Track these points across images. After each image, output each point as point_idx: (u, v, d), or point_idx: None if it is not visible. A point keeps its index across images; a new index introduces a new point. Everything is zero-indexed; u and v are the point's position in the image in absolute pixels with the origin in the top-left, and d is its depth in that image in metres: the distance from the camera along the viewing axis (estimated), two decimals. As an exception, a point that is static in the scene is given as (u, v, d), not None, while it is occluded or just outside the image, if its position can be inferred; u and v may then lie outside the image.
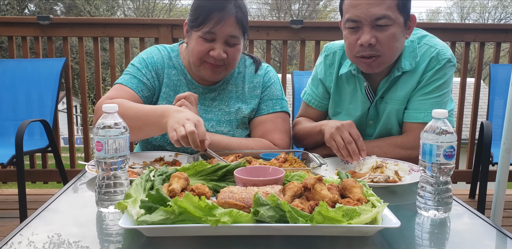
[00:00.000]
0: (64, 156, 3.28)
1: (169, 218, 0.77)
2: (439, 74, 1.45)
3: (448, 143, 0.90)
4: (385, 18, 1.34)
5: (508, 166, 1.90)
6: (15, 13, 15.77)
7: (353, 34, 1.39)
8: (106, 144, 0.91)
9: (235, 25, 1.41)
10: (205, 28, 1.40)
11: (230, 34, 1.41)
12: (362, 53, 1.39)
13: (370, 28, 1.35)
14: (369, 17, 1.34)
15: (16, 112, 2.77)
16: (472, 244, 0.83)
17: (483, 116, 3.07)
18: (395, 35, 1.37)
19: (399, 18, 1.36)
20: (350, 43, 1.41)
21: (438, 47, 1.47)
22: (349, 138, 1.28)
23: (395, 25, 1.36)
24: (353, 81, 1.57)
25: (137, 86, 1.49)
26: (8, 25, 2.92)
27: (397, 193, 1.13)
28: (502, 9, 20.95)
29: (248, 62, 1.64)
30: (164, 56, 1.56)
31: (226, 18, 1.39)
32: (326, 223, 0.76)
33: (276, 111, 1.58)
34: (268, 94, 1.60)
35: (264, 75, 1.61)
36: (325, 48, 1.64)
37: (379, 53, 1.38)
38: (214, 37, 1.41)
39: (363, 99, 1.56)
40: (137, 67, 1.52)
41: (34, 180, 3.13)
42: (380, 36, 1.36)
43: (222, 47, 1.42)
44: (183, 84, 1.56)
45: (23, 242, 0.80)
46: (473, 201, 2.74)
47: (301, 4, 22.40)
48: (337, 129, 1.31)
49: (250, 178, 0.94)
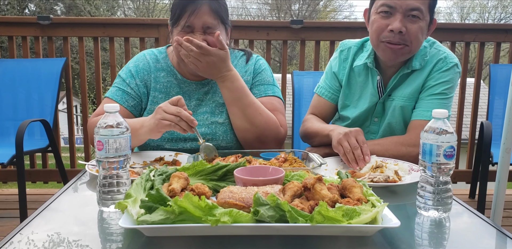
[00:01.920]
0: (64, 156, 3.28)
1: (169, 218, 0.77)
2: (447, 77, 1.51)
3: (448, 142, 0.90)
4: (418, 10, 1.41)
5: (508, 166, 1.90)
6: (15, 13, 15.78)
7: (384, 19, 1.44)
8: (107, 143, 0.91)
9: (210, 14, 1.44)
10: (181, 22, 1.44)
11: (205, 23, 1.44)
12: (390, 39, 1.44)
13: (402, 17, 1.42)
14: (405, 6, 1.40)
15: (16, 112, 2.77)
16: (472, 244, 0.83)
17: (483, 116, 3.07)
18: (422, 29, 1.44)
19: (427, 15, 1.44)
20: (379, 27, 1.45)
21: (447, 52, 1.55)
22: (355, 143, 1.30)
23: (423, 20, 1.43)
24: (365, 73, 1.61)
25: (121, 98, 1.54)
26: (8, 25, 2.92)
27: (397, 193, 1.13)
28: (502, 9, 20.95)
29: (238, 55, 1.66)
30: (150, 61, 1.60)
31: (199, 8, 1.42)
32: (326, 223, 0.76)
33: (269, 95, 1.59)
34: (259, 80, 1.61)
35: (255, 63, 1.63)
36: (341, 44, 1.70)
37: (407, 42, 1.44)
38: (192, 29, 1.44)
39: (373, 92, 1.59)
40: (122, 78, 1.58)
41: (34, 179, 3.13)
42: (410, 26, 1.42)
43: (202, 37, 1.44)
44: (173, 85, 1.58)
45: (23, 241, 0.80)
46: (473, 201, 2.74)
47: (301, 4, 22.39)
48: (345, 135, 1.33)
49: (250, 177, 0.94)
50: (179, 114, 1.25)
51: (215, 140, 1.53)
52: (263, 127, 1.47)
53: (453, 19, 22.62)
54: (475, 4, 22.09)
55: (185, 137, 1.52)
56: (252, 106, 1.46)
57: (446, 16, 22.23)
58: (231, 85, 1.45)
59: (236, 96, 1.46)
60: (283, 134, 1.53)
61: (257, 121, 1.46)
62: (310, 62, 5.47)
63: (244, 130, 1.49)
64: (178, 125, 1.26)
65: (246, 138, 1.51)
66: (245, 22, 3.61)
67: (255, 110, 1.46)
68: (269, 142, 1.49)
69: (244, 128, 1.49)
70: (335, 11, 23.20)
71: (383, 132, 1.60)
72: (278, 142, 1.52)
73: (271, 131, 1.48)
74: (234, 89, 1.45)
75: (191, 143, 1.54)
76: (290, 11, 22.36)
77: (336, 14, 23.31)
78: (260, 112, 1.46)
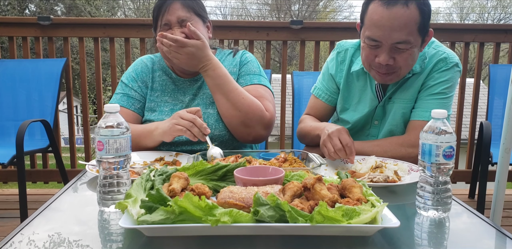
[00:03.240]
0: (65, 156, 3.28)
1: (169, 218, 0.77)
2: (446, 76, 1.49)
3: (448, 143, 0.90)
4: (405, 43, 1.36)
5: (507, 166, 1.90)
6: (16, 14, 15.78)
7: (372, 50, 1.41)
8: (107, 143, 0.91)
9: (182, 8, 1.51)
10: (159, 22, 1.53)
11: (179, 17, 1.50)
12: (379, 70, 1.43)
13: (389, 49, 1.38)
14: (390, 41, 1.36)
15: (17, 112, 2.77)
16: (472, 244, 0.84)
17: (482, 117, 3.07)
18: (412, 54, 1.40)
19: (418, 40, 1.39)
20: (368, 57, 1.44)
21: (447, 51, 1.52)
22: (338, 145, 1.30)
23: (413, 46, 1.39)
24: (363, 78, 1.60)
25: (127, 103, 1.62)
26: (8, 25, 2.92)
27: (397, 193, 1.13)
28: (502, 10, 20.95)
29: (226, 52, 1.73)
30: (148, 64, 1.69)
31: (170, 5, 1.51)
32: (325, 223, 0.76)
33: (254, 84, 1.62)
34: (245, 70, 1.65)
35: (241, 56, 1.69)
36: (338, 45, 1.68)
37: (395, 70, 1.43)
38: (170, 26, 1.52)
39: (372, 97, 1.58)
40: (125, 83, 1.66)
41: (35, 180, 3.13)
42: (398, 57, 1.39)
43: (179, 30, 1.50)
44: (169, 82, 1.66)
45: (23, 241, 0.80)
46: (472, 201, 2.75)
47: (301, 4, 22.39)
48: (328, 136, 1.34)
49: (250, 177, 0.94)
50: (194, 121, 1.33)
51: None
52: (246, 110, 1.50)
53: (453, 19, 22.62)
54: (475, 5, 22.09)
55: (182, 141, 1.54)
56: (235, 91, 1.51)
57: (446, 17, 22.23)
58: (213, 73, 1.50)
59: (219, 83, 1.51)
60: (268, 117, 1.54)
61: (240, 105, 1.50)
62: (310, 62, 5.47)
63: (229, 116, 1.53)
64: (190, 131, 1.33)
65: (232, 123, 1.54)
66: (245, 23, 3.61)
67: (237, 95, 1.51)
68: (254, 125, 1.52)
69: (229, 113, 1.52)
70: (334, 12, 23.21)
71: (383, 135, 1.60)
72: (264, 126, 1.54)
73: (254, 114, 1.51)
74: (216, 77, 1.51)
75: (187, 146, 1.56)
76: (290, 11, 22.36)
77: (336, 14, 23.32)
78: (243, 97, 1.51)
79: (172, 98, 1.63)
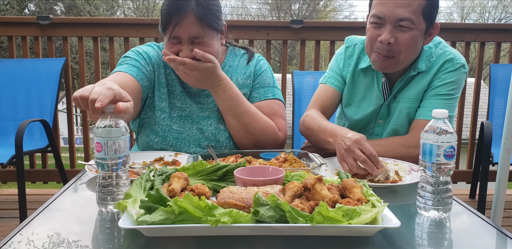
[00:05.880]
0: (64, 156, 3.27)
1: (169, 218, 0.77)
2: (453, 77, 1.50)
3: (448, 143, 0.90)
4: (408, 20, 1.38)
5: (508, 166, 1.90)
6: (15, 13, 15.76)
7: (376, 29, 1.43)
8: (105, 145, 0.90)
9: (196, 24, 1.34)
10: (168, 33, 1.37)
11: (192, 34, 1.35)
12: (380, 51, 1.43)
13: (392, 27, 1.40)
14: (393, 17, 1.38)
15: (16, 112, 2.77)
16: (472, 244, 0.83)
17: (483, 116, 3.07)
18: (414, 38, 1.41)
19: (421, 23, 1.40)
20: (371, 37, 1.45)
21: (453, 52, 1.53)
22: (362, 156, 1.18)
23: (416, 29, 1.40)
24: (370, 75, 1.60)
25: (137, 74, 1.43)
26: (8, 25, 2.92)
27: (397, 193, 1.12)
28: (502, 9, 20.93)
29: (239, 53, 1.62)
30: (159, 54, 1.53)
31: (183, 19, 1.34)
32: (326, 223, 0.76)
33: (268, 99, 1.56)
34: (259, 82, 1.58)
35: (256, 65, 1.60)
36: (347, 40, 1.68)
37: (395, 54, 1.43)
38: (180, 40, 1.37)
39: (378, 94, 1.58)
40: (135, 58, 1.48)
41: (34, 180, 3.13)
42: (400, 37, 1.40)
43: (190, 47, 1.36)
44: (177, 83, 1.53)
45: (23, 241, 0.80)
46: (473, 201, 2.74)
47: (301, 4, 22.39)
48: (347, 150, 1.21)
49: (250, 178, 0.94)
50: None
51: (219, 147, 1.51)
52: (259, 133, 1.46)
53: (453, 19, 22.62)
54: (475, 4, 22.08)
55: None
56: (247, 114, 1.44)
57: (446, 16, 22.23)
58: (223, 94, 1.42)
59: (229, 105, 1.44)
60: (281, 138, 1.51)
61: (252, 129, 1.45)
62: (310, 62, 5.47)
63: (240, 137, 1.49)
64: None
65: (244, 145, 1.50)
66: (245, 22, 3.61)
67: (250, 118, 1.44)
68: (267, 147, 1.48)
69: (240, 135, 1.48)
70: (335, 11, 23.19)
71: (388, 134, 1.59)
72: (277, 147, 1.51)
73: (268, 137, 1.47)
74: (227, 99, 1.43)
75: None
76: (290, 11, 22.35)
77: (336, 14, 23.30)
78: (256, 120, 1.45)
79: (181, 102, 1.52)
